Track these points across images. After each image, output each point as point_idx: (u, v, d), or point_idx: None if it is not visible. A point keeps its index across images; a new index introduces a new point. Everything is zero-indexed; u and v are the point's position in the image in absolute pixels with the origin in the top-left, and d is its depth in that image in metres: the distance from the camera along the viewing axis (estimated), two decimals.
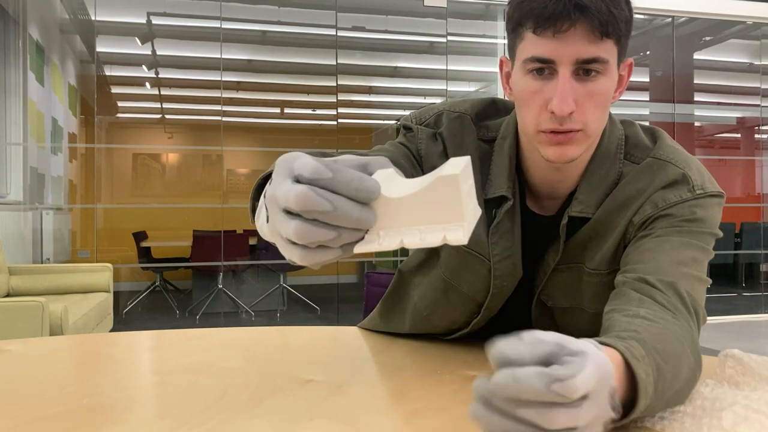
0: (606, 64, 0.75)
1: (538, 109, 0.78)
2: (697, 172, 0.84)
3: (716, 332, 5.00)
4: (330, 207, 0.45)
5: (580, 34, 0.73)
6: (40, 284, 3.99)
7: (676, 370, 0.62)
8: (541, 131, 0.78)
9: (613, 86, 0.79)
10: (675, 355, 0.63)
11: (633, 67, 0.85)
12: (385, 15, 6.49)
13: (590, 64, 0.75)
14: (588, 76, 0.76)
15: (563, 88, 0.74)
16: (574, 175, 0.87)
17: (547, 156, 0.80)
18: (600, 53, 0.74)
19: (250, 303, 5.79)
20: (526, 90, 0.78)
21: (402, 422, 0.66)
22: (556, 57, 0.75)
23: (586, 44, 0.74)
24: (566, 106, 0.74)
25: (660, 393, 0.59)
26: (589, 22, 0.73)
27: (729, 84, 8.00)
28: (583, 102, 0.76)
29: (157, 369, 0.88)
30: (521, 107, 0.81)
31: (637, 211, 0.83)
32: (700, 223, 0.80)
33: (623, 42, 0.78)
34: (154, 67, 6.84)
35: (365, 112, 8.29)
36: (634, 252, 0.80)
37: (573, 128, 0.76)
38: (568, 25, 0.73)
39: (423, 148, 0.92)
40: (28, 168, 4.91)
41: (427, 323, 1.04)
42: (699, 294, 0.75)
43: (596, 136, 0.82)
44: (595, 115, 0.77)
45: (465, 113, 0.93)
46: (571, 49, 0.74)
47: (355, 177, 0.46)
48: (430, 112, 0.95)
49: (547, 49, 0.75)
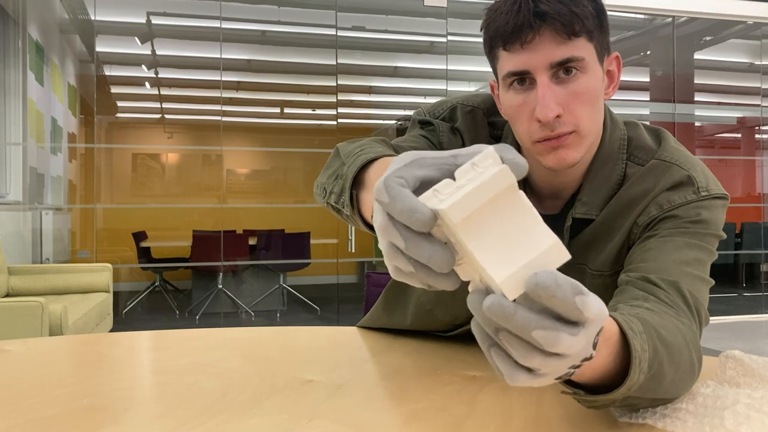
0: (582, 61, 0.76)
1: (527, 120, 0.78)
2: (701, 174, 0.84)
3: (716, 332, 5.00)
4: (402, 244, 0.43)
5: (547, 39, 0.74)
6: (40, 284, 3.99)
7: (674, 357, 0.62)
8: (535, 142, 0.79)
9: (599, 82, 0.79)
10: (674, 343, 0.63)
11: (621, 61, 0.85)
12: (385, 15, 6.49)
13: (566, 65, 0.75)
14: (568, 76, 0.76)
15: (543, 93, 0.75)
16: (575, 177, 0.87)
17: (547, 164, 0.80)
18: (572, 53, 0.75)
19: (249, 303, 5.79)
20: (512, 105, 0.80)
21: (402, 422, 0.66)
22: (530, 66, 0.76)
23: (555, 47, 0.74)
24: (549, 110, 0.74)
25: (656, 376, 0.59)
26: (552, 26, 0.74)
27: (729, 84, 8.00)
28: (569, 103, 0.76)
29: (157, 369, 0.88)
30: (512, 122, 0.82)
31: (641, 212, 0.83)
32: (704, 225, 0.80)
33: (598, 37, 0.78)
34: (153, 66, 6.84)
35: (365, 112, 8.28)
36: (638, 252, 0.80)
37: (564, 131, 0.77)
38: (533, 34, 0.74)
39: (445, 142, 0.93)
40: (28, 168, 4.91)
41: (429, 318, 1.04)
42: (701, 294, 0.75)
43: (593, 136, 0.81)
44: (585, 113, 0.77)
45: (478, 107, 0.94)
46: (542, 56, 0.75)
47: (406, 208, 0.42)
48: (444, 106, 0.96)
49: (519, 62, 0.76)
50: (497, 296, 0.41)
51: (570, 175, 0.86)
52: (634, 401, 0.61)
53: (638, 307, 0.69)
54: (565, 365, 0.44)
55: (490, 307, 0.41)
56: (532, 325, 0.41)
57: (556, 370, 0.44)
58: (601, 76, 0.80)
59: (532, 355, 0.42)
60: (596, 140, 0.85)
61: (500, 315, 0.41)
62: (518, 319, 0.41)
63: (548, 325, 0.41)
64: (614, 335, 0.55)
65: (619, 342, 0.56)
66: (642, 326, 0.59)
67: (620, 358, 0.57)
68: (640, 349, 0.56)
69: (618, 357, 0.56)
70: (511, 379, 0.43)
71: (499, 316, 0.41)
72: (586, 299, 0.42)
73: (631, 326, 0.57)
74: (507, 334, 0.42)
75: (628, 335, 0.56)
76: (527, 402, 0.71)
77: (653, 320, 0.63)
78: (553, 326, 0.41)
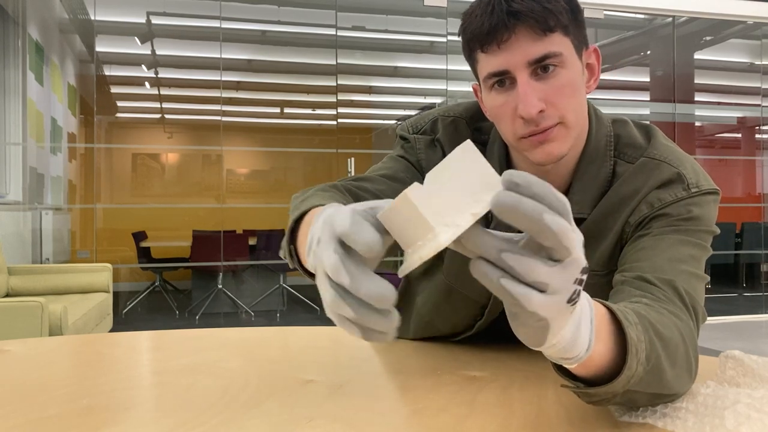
0: (560, 56, 0.76)
1: (510, 119, 0.79)
2: (691, 171, 0.84)
3: (716, 332, 5.00)
4: (352, 315, 0.45)
5: (522, 37, 0.75)
6: (40, 284, 3.99)
7: (671, 352, 0.62)
8: (521, 138, 0.79)
9: (579, 75, 0.80)
10: (671, 338, 0.63)
11: (599, 53, 0.86)
12: (385, 15, 6.49)
13: (544, 61, 0.76)
14: (547, 72, 0.77)
15: (524, 91, 0.76)
16: (564, 175, 0.87)
17: (535, 159, 0.80)
18: (549, 48, 0.75)
19: (249, 303, 5.79)
20: (495, 105, 0.80)
21: (402, 422, 0.66)
22: (508, 66, 0.76)
23: (531, 44, 0.75)
24: (531, 107, 0.75)
25: (655, 369, 0.59)
26: (526, 24, 0.74)
27: (729, 84, 8.00)
28: (551, 97, 0.77)
29: (157, 369, 0.88)
30: (497, 122, 0.83)
31: (633, 211, 0.83)
32: (696, 221, 0.80)
33: (574, 31, 0.78)
34: (153, 66, 6.84)
35: (365, 112, 8.29)
36: (632, 251, 0.80)
37: (550, 125, 0.77)
38: (508, 33, 0.75)
39: (423, 158, 0.94)
40: (28, 168, 4.91)
41: (430, 328, 1.04)
42: (697, 292, 0.75)
43: (578, 128, 0.82)
44: (568, 105, 0.78)
45: (459, 117, 0.95)
46: (519, 54, 0.75)
47: (372, 290, 0.44)
48: (425, 119, 0.97)
49: (497, 62, 0.77)
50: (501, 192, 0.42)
51: (559, 173, 0.87)
52: (635, 396, 0.60)
53: (636, 303, 0.69)
54: (571, 276, 0.44)
55: (500, 200, 0.42)
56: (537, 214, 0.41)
57: (564, 283, 0.43)
58: (580, 69, 0.81)
59: (537, 265, 0.43)
60: (582, 134, 0.86)
61: (510, 205, 0.41)
62: (526, 205, 0.41)
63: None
64: (608, 323, 0.56)
65: (614, 332, 0.57)
66: (637, 318, 0.59)
67: (617, 347, 0.57)
68: (636, 339, 0.56)
69: (615, 347, 0.57)
70: (529, 302, 0.43)
71: (510, 206, 0.41)
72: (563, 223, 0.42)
73: (626, 316, 0.57)
74: (509, 254, 0.43)
75: (624, 324, 0.56)
76: (527, 402, 0.71)
77: (650, 315, 0.64)
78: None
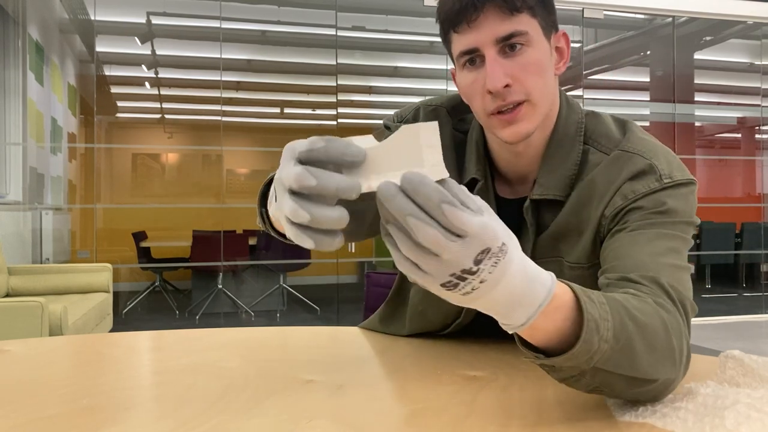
0: (526, 35, 0.80)
1: (480, 95, 0.83)
2: (664, 162, 0.84)
3: (716, 332, 5.00)
4: (308, 218, 0.50)
5: (491, 16, 0.79)
6: (40, 284, 3.99)
7: (648, 337, 0.63)
8: (491, 115, 0.83)
9: (546, 56, 0.83)
10: (649, 324, 0.64)
11: (569, 38, 0.89)
12: (385, 15, 6.49)
13: (510, 39, 0.80)
14: (514, 51, 0.80)
15: (491, 65, 0.80)
16: (533, 156, 0.90)
17: (503, 137, 0.84)
18: (516, 27, 0.79)
19: (249, 303, 5.79)
20: (465, 83, 0.84)
21: (402, 422, 0.66)
22: (477, 43, 0.80)
23: (499, 23, 0.79)
24: (497, 81, 0.79)
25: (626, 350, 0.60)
26: (494, 3, 0.79)
27: (729, 84, 8.00)
28: (518, 74, 0.80)
29: (157, 369, 0.88)
30: (468, 100, 0.87)
31: (607, 203, 0.84)
32: (671, 214, 0.80)
33: (541, 13, 0.82)
34: (153, 66, 6.84)
35: (365, 112, 8.28)
36: (610, 249, 0.80)
37: (516, 100, 0.81)
38: (476, 13, 0.79)
39: None
40: (28, 168, 4.91)
41: (423, 319, 1.05)
42: (682, 283, 0.74)
43: (545, 107, 0.85)
44: (535, 84, 0.81)
45: (440, 105, 1.00)
46: (487, 32, 0.79)
47: (344, 142, 0.52)
48: (409, 108, 1.03)
49: (468, 41, 0.81)
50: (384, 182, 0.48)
51: (527, 154, 0.89)
52: (610, 379, 0.61)
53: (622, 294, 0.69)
54: (446, 270, 0.49)
55: (380, 187, 0.48)
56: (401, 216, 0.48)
57: (438, 271, 0.49)
58: (547, 49, 0.84)
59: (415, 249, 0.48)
60: (551, 115, 0.88)
61: (384, 197, 0.48)
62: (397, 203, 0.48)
63: (424, 218, 0.47)
64: (569, 301, 0.58)
65: (575, 309, 0.58)
66: (606, 300, 0.61)
67: (576, 324, 0.58)
68: (599, 317, 0.58)
69: (574, 323, 0.58)
70: (399, 264, 0.51)
71: (383, 198, 0.48)
72: (457, 211, 0.47)
73: (589, 295, 0.59)
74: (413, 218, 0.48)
75: (581, 300, 0.57)
76: (527, 402, 0.71)
77: (627, 302, 0.64)
78: (431, 222, 0.47)
